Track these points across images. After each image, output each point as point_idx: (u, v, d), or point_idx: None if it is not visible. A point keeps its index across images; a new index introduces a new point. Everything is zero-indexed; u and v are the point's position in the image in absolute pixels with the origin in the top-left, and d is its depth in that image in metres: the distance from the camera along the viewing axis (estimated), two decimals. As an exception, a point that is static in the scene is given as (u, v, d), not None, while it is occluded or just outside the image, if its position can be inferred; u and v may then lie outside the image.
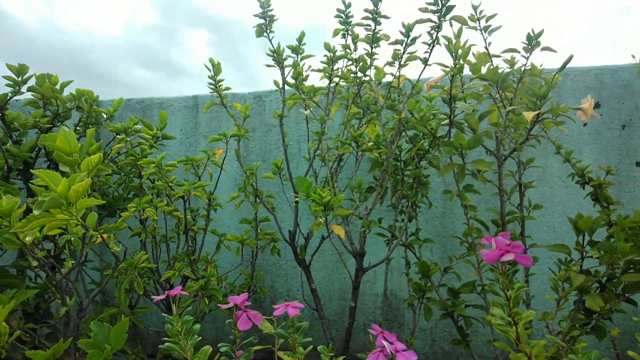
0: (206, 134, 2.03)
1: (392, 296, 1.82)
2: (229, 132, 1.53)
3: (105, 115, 1.82)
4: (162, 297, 0.85)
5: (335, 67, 1.39)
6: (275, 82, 1.51)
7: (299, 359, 0.96)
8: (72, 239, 0.99)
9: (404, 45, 1.22)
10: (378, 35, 1.27)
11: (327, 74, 1.38)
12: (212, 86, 1.55)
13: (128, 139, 1.55)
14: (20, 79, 1.61)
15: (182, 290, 0.91)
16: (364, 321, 1.84)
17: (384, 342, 0.82)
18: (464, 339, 1.38)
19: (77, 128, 1.73)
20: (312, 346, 0.98)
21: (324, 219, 1.16)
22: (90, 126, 1.70)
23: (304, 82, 1.50)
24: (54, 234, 1.03)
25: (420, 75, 1.26)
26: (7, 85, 1.61)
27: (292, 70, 1.48)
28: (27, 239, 0.97)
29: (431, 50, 1.19)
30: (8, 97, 1.59)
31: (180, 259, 1.45)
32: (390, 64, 1.27)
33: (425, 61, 1.20)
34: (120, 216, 1.36)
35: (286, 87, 1.51)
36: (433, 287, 1.35)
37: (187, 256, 1.43)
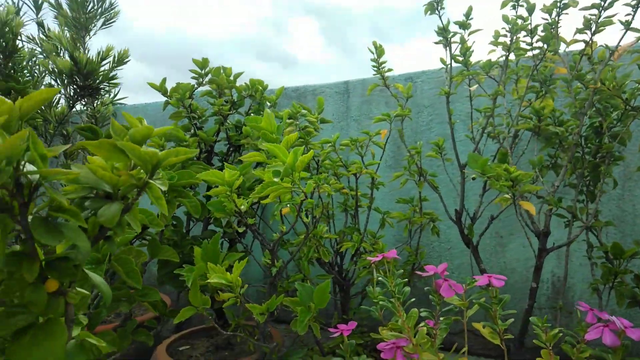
0: (356, 117, 2.09)
1: (559, 283, 1.72)
2: (392, 112, 1.57)
3: (269, 103, 1.96)
4: (378, 258, 0.91)
5: (512, 40, 1.34)
6: (442, 60, 1.50)
7: (500, 330, 0.96)
8: (288, 206, 1.09)
9: (599, 9, 1.13)
10: (566, 1, 1.19)
11: (505, 48, 1.34)
12: (375, 68, 1.59)
13: (297, 122, 1.66)
14: (203, 71, 1.81)
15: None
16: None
17: (614, 318, 0.78)
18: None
19: (249, 114, 1.89)
20: (512, 319, 0.97)
21: (510, 194, 1.13)
22: (261, 113, 1.85)
23: (470, 59, 1.47)
24: (266, 202, 1.15)
25: (620, 41, 1.16)
26: (192, 77, 1.82)
27: (460, 46, 1.46)
28: (242, 207, 1.10)
29: (635, 12, 1.09)
30: (194, 88, 1.80)
31: (349, 233, 1.52)
32: (580, 30, 1.18)
33: (627, 24, 1.10)
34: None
35: (453, 64, 1.50)
36: (626, 271, 1.25)
37: (356, 230, 1.49)
